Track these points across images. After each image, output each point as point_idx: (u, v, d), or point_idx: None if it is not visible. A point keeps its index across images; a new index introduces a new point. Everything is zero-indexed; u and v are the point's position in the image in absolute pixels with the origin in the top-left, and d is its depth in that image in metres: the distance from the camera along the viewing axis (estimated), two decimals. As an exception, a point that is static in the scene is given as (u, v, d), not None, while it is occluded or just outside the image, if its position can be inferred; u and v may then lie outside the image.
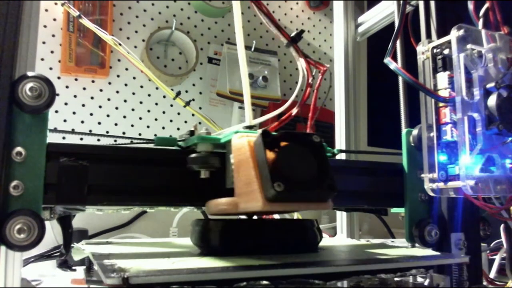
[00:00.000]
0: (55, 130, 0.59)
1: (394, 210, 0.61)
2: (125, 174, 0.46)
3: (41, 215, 0.40)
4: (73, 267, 0.55)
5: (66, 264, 0.52)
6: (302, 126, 1.00)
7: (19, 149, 0.40)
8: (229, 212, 0.43)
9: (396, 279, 0.43)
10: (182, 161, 0.47)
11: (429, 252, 0.53)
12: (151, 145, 0.52)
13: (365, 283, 0.46)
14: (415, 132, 0.57)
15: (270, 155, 0.38)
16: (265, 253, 0.45)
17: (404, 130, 0.59)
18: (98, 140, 0.91)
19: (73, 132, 0.60)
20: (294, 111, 0.55)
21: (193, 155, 0.47)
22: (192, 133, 0.51)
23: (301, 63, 0.56)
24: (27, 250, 0.39)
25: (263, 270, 0.37)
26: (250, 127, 0.48)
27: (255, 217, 0.51)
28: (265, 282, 0.36)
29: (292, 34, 0.56)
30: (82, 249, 0.51)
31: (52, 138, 0.44)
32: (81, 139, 0.87)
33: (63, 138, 0.74)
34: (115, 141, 0.59)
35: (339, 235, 0.85)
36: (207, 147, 0.47)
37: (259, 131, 0.40)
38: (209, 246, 0.48)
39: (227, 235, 0.47)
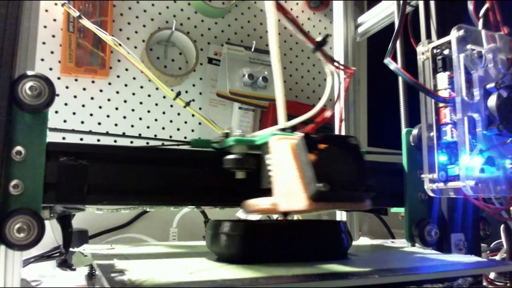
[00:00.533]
0: (55, 130, 0.59)
1: (394, 210, 0.61)
2: (125, 174, 0.46)
3: (41, 214, 0.40)
4: (73, 267, 0.54)
5: (66, 264, 0.52)
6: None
7: (18, 148, 0.40)
8: (268, 212, 0.44)
9: None
10: (217, 163, 0.48)
11: (473, 258, 0.50)
12: (187, 147, 0.54)
13: None
14: (415, 131, 0.57)
15: (311, 157, 0.39)
16: (290, 259, 0.43)
17: (404, 130, 0.59)
18: (98, 140, 0.91)
19: (73, 131, 0.60)
20: (328, 114, 0.57)
21: (230, 156, 0.48)
22: (227, 135, 0.52)
23: (329, 67, 0.56)
24: (27, 249, 0.39)
25: (299, 283, 0.34)
26: (283, 130, 0.49)
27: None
28: None
29: (318, 39, 0.57)
30: (84, 256, 0.49)
31: (52, 137, 0.44)
32: (81, 139, 0.87)
33: (63, 138, 0.74)
34: (131, 141, 0.60)
35: (363, 238, 0.84)
36: (242, 148, 0.48)
37: (300, 134, 0.41)
38: (229, 252, 0.44)
39: (250, 240, 0.44)
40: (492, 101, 0.49)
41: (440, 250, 0.57)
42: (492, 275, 0.72)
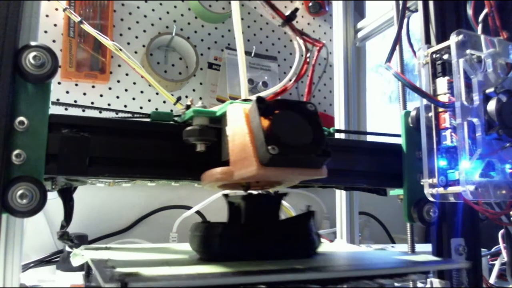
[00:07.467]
0: (57, 103, 0.58)
1: (392, 192, 0.61)
2: (126, 147, 0.45)
3: (43, 182, 0.40)
4: (74, 240, 0.55)
5: (66, 236, 0.52)
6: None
7: (21, 118, 0.40)
8: (224, 180, 0.43)
9: (395, 284, 0.43)
10: (179, 135, 0.47)
11: (428, 257, 0.53)
12: (147, 120, 0.52)
13: None
14: (413, 113, 0.57)
15: (265, 122, 0.38)
16: (264, 258, 0.46)
17: (402, 112, 0.59)
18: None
19: (75, 105, 0.59)
20: (290, 85, 0.57)
21: (189, 128, 0.47)
22: (188, 107, 0.50)
23: (298, 41, 0.57)
24: (29, 216, 0.39)
25: (262, 276, 0.37)
26: (245, 100, 0.48)
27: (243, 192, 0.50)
28: (263, 287, 0.36)
29: (287, 13, 0.57)
30: (81, 254, 0.51)
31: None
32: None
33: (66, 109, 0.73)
34: (117, 114, 0.59)
35: (338, 240, 0.85)
36: (203, 120, 0.47)
37: (254, 98, 0.40)
38: (208, 251, 0.48)
39: (226, 241, 0.47)
40: (491, 105, 0.50)
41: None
42: (492, 280, 0.72)
